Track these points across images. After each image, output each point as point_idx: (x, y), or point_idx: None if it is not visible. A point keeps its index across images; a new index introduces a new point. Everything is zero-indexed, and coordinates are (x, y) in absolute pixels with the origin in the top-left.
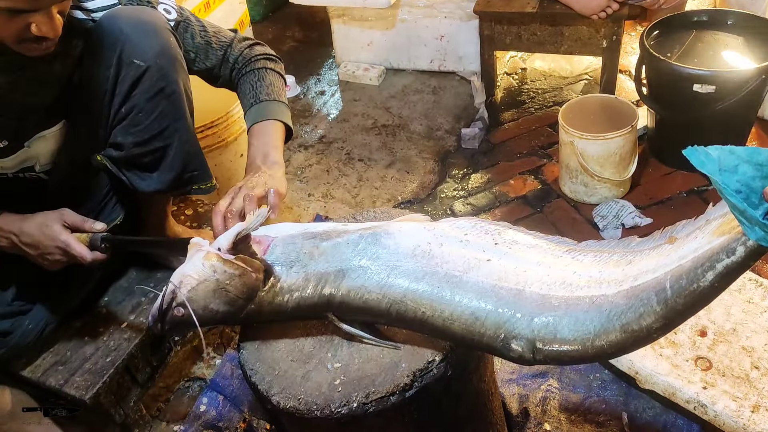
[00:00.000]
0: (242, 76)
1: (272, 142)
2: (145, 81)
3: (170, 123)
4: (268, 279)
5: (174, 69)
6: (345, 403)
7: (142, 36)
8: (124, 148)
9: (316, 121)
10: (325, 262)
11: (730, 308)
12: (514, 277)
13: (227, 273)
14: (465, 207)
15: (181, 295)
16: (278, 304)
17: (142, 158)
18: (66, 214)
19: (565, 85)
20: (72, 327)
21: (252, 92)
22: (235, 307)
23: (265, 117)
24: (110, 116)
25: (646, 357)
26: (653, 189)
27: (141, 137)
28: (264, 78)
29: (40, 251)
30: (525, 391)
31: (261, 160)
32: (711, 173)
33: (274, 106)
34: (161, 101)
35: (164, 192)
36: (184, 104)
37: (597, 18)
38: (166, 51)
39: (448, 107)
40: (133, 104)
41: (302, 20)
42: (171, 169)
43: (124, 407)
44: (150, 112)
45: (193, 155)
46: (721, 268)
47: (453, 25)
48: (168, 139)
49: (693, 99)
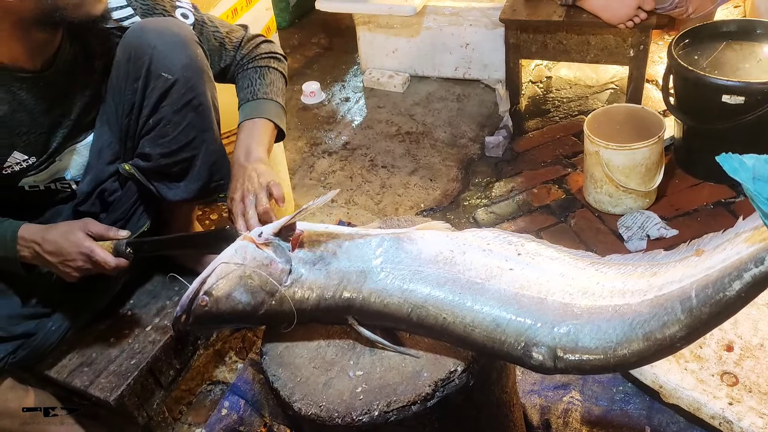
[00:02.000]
0: (243, 71)
1: (258, 139)
2: (173, 94)
3: (197, 134)
4: (291, 274)
5: (201, 81)
6: (366, 412)
7: (170, 49)
8: (152, 159)
9: (341, 127)
10: (347, 262)
11: (758, 323)
12: (536, 286)
13: (256, 261)
14: (488, 215)
15: (210, 282)
16: (299, 301)
17: (170, 168)
18: (90, 224)
19: (591, 94)
20: (97, 329)
21: (250, 88)
22: (256, 301)
23: (258, 115)
24: (138, 127)
25: (670, 371)
26: (679, 200)
27: (168, 148)
28: (265, 76)
29: (63, 258)
30: (547, 402)
31: (244, 157)
32: (744, 181)
33: (269, 106)
34: (188, 113)
35: (191, 201)
36: (211, 115)
37: (624, 27)
38: (194, 64)
39: (472, 115)
40: (161, 116)
41: (328, 27)
42: (198, 179)
43: (147, 409)
44: (177, 124)
45: (220, 165)
46: (749, 278)
47: (478, 33)
48: (195, 150)
49: (721, 110)
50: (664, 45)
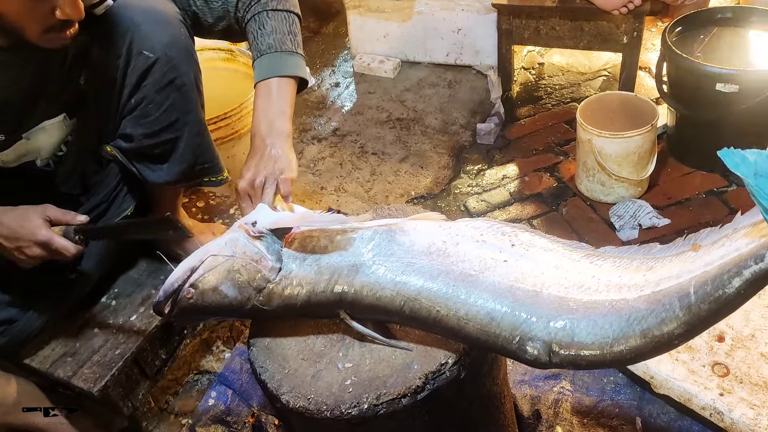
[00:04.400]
0: (246, 24)
1: (278, 107)
2: (154, 72)
3: (180, 115)
4: (281, 271)
5: (185, 61)
6: (355, 404)
7: (153, 26)
8: (134, 140)
9: (330, 113)
10: (339, 256)
11: (749, 313)
12: (531, 279)
13: (246, 255)
14: (479, 203)
15: (197, 274)
16: (288, 297)
17: (152, 150)
18: (48, 209)
19: (583, 81)
20: (81, 318)
21: (254, 43)
22: (242, 296)
23: (270, 74)
24: (120, 107)
25: (661, 361)
26: (671, 189)
27: (151, 129)
28: (264, 24)
29: (18, 245)
30: (537, 392)
31: (266, 129)
32: (746, 176)
33: (277, 59)
34: (171, 93)
35: (174, 183)
36: (194, 96)
37: (618, 13)
38: (177, 42)
39: (463, 101)
40: (142, 95)
41: (318, 11)
42: (181, 161)
43: (133, 400)
44: (160, 104)
45: (205, 148)
46: (748, 275)
47: (470, 18)
48: (178, 132)
49: (715, 98)
50: (657, 32)
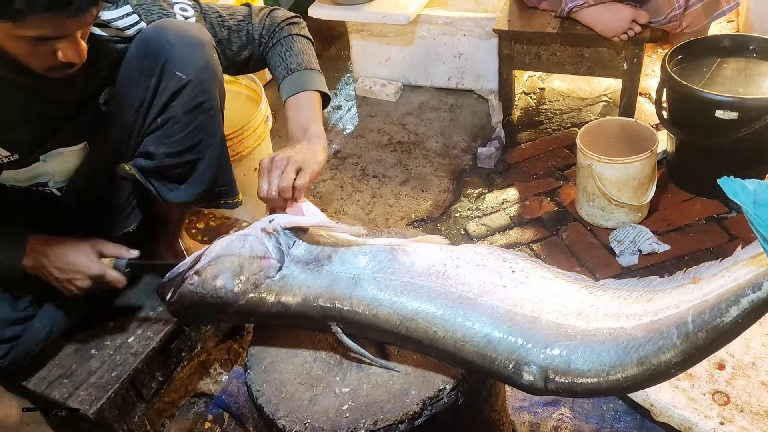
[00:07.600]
0: (270, 49)
1: (310, 116)
2: (185, 94)
3: (204, 138)
4: (281, 270)
5: (214, 85)
6: (352, 430)
7: (187, 49)
8: (155, 158)
9: (332, 135)
10: (340, 266)
11: (750, 341)
12: (529, 305)
13: (252, 251)
14: (479, 227)
15: (202, 263)
16: (283, 299)
17: (172, 170)
18: (101, 243)
19: (584, 106)
20: (78, 339)
21: (282, 64)
22: (238, 289)
23: (300, 89)
24: (145, 125)
25: (661, 389)
26: (671, 215)
27: (174, 149)
28: (292, 47)
29: (70, 276)
30: (536, 419)
31: (301, 134)
32: (745, 204)
33: (306, 76)
34: (199, 116)
35: (192, 204)
36: (220, 121)
37: (618, 40)
38: (209, 67)
39: (464, 125)
40: (170, 116)
41: (321, 34)
42: (200, 183)
43: (128, 422)
44: (186, 126)
45: (224, 171)
46: (746, 304)
47: (472, 43)
48: (200, 153)
49: (715, 125)
50: (657, 58)
